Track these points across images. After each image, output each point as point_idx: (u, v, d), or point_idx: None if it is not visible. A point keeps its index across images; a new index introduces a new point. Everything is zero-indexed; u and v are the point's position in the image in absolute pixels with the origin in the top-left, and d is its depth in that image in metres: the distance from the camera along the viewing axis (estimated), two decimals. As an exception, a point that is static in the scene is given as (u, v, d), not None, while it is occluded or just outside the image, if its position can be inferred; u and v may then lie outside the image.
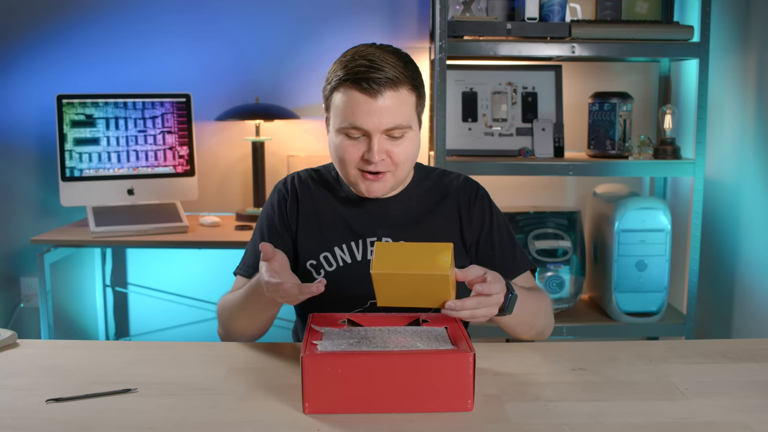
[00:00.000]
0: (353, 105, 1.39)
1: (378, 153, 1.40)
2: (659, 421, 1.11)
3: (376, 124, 1.39)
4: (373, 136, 1.40)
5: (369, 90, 1.38)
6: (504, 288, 1.26)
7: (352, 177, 1.46)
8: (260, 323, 1.45)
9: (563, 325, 2.61)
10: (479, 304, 1.21)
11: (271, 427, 1.09)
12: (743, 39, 2.54)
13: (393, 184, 1.48)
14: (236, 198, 3.03)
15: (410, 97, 1.43)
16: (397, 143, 1.43)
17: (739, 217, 2.56)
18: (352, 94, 1.39)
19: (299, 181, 1.58)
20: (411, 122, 1.44)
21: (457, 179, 1.59)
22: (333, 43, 2.93)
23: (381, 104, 1.38)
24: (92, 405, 1.16)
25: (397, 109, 1.40)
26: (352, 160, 1.43)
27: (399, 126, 1.41)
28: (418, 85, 1.45)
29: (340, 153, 1.44)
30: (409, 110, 1.43)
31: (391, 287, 1.19)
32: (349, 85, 1.39)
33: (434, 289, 1.18)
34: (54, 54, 2.95)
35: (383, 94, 1.38)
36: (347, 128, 1.41)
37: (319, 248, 1.52)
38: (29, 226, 2.97)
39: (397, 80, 1.39)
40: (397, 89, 1.40)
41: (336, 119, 1.43)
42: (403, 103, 1.41)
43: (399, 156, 1.43)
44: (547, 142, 2.71)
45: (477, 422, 1.10)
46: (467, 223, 1.54)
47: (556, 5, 2.57)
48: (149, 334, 3.09)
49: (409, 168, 1.50)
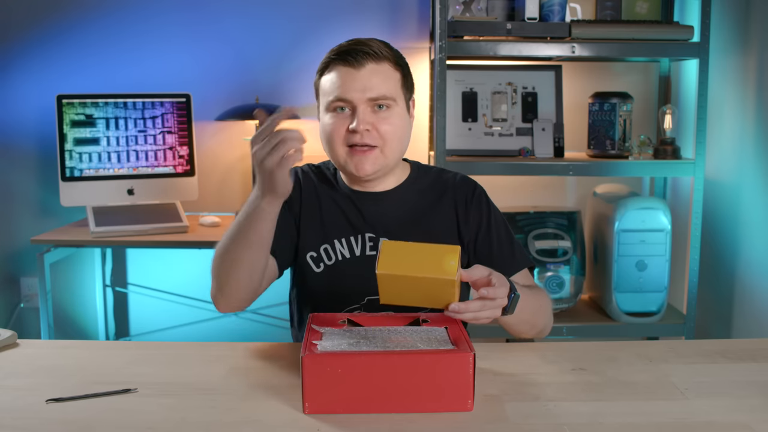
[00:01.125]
0: (338, 78, 1.45)
1: (363, 122, 1.43)
2: (659, 421, 1.11)
3: (359, 93, 1.43)
4: (358, 106, 1.43)
5: (352, 62, 1.44)
6: (508, 290, 1.26)
7: (341, 157, 1.47)
8: (253, 250, 1.35)
9: (563, 325, 2.61)
10: (483, 307, 1.21)
11: (271, 427, 1.09)
12: (743, 39, 2.54)
13: (383, 163, 1.47)
14: (236, 198, 3.03)
15: (394, 73, 1.47)
16: (383, 117, 1.45)
17: (739, 217, 2.56)
18: (337, 68, 1.46)
19: (302, 172, 1.59)
20: (396, 97, 1.46)
21: (455, 177, 1.59)
22: (333, 43, 2.87)
23: (363, 74, 1.44)
24: (92, 405, 1.16)
25: (380, 80, 1.44)
26: (339, 136, 1.45)
27: (383, 96, 1.44)
28: (402, 64, 1.50)
29: (328, 131, 1.47)
30: (393, 85, 1.46)
31: (396, 287, 1.19)
32: (334, 63, 1.46)
33: (439, 292, 1.18)
34: (54, 54, 2.95)
35: (366, 65, 1.44)
36: (333, 102, 1.45)
37: (319, 240, 1.52)
38: (29, 226, 2.97)
39: (379, 55, 1.45)
40: (379, 62, 1.45)
41: (324, 99, 1.48)
42: (386, 76, 1.45)
43: (386, 131, 1.45)
44: (547, 142, 2.71)
45: (477, 422, 1.10)
46: (464, 222, 1.55)
47: (556, 5, 2.57)
48: (149, 334, 3.09)
49: (399, 148, 1.49)
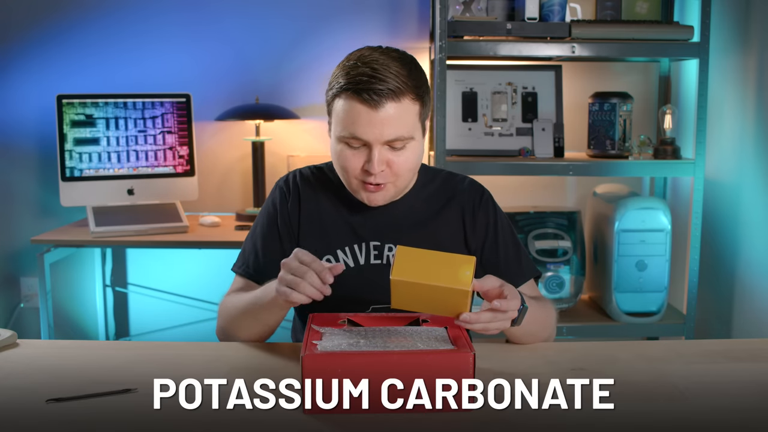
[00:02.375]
0: (354, 115, 1.36)
1: (378, 164, 1.38)
2: (659, 421, 1.11)
3: (376, 136, 1.36)
4: (373, 147, 1.38)
5: (370, 101, 1.34)
6: (519, 302, 1.26)
7: (353, 186, 1.45)
8: (264, 328, 1.43)
9: (563, 325, 2.61)
10: (494, 318, 1.22)
11: (271, 427, 1.09)
12: (743, 39, 2.54)
13: (394, 194, 1.47)
14: (236, 198, 3.03)
15: (413, 106, 1.39)
16: (398, 153, 1.40)
17: (739, 217, 2.56)
18: (353, 104, 1.36)
19: (301, 178, 1.55)
20: (413, 133, 1.40)
21: (462, 183, 1.57)
22: (333, 43, 2.93)
23: (382, 115, 1.35)
24: (92, 405, 1.16)
25: (398, 120, 1.37)
26: (353, 171, 1.42)
27: (400, 138, 1.38)
28: (422, 93, 1.41)
29: (342, 162, 1.42)
30: (411, 120, 1.39)
31: (409, 294, 1.20)
32: (350, 94, 1.36)
33: (452, 302, 1.19)
34: (54, 54, 2.95)
35: (384, 105, 1.35)
36: (347, 138, 1.39)
37: (322, 250, 1.49)
38: (29, 226, 2.97)
39: (399, 91, 1.35)
40: (399, 100, 1.36)
41: (337, 127, 1.40)
42: (405, 113, 1.37)
43: (399, 167, 1.41)
44: (547, 142, 2.70)
45: (477, 422, 1.10)
46: (471, 230, 1.53)
47: (556, 5, 2.56)
48: (149, 334, 3.09)
49: (410, 178, 1.48)
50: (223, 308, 1.49)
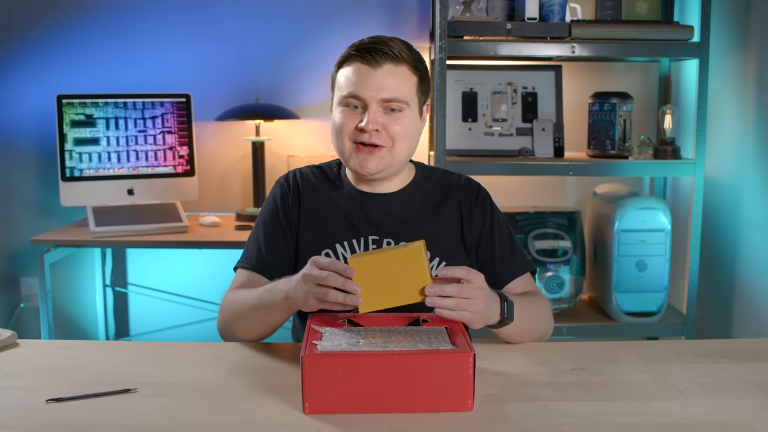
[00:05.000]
0: (354, 75, 1.44)
1: (372, 122, 1.43)
2: (659, 421, 1.11)
3: (373, 93, 1.43)
4: (369, 105, 1.44)
5: (370, 60, 1.43)
6: (483, 279, 1.27)
7: (346, 152, 1.48)
8: (267, 328, 1.44)
9: (563, 325, 2.61)
10: (460, 290, 1.22)
11: (271, 427, 1.09)
12: (743, 39, 2.54)
13: (388, 162, 1.48)
14: (236, 198, 3.03)
15: (411, 77, 1.47)
16: (394, 118, 1.45)
17: (739, 217, 2.56)
18: (355, 65, 1.45)
19: (301, 176, 1.58)
20: (410, 100, 1.46)
21: (459, 180, 1.59)
22: (333, 43, 2.93)
23: (380, 74, 1.43)
24: (92, 405, 1.16)
25: (396, 82, 1.44)
26: (348, 130, 1.46)
27: (396, 99, 1.44)
28: (421, 69, 1.49)
29: (337, 124, 1.47)
30: (408, 88, 1.46)
31: (370, 280, 1.21)
32: (353, 59, 1.45)
33: (412, 274, 1.21)
34: (54, 54, 2.95)
35: (383, 66, 1.43)
36: (347, 97, 1.45)
37: (321, 244, 1.51)
38: (29, 226, 2.97)
39: (399, 57, 1.44)
40: (397, 64, 1.44)
41: (337, 93, 1.48)
42: (403, 79, 1.45)
43: (396, 132, 1.45)
44: (547, 142, 2.71)
45: (477, 422, 1.10)
46: (468, 225, 1.55)
47: (556, 5, 2.57)
48: (149, 334, 3.09)
49: (407, 150, 1.49)
50: (226, 304, 1.49)
